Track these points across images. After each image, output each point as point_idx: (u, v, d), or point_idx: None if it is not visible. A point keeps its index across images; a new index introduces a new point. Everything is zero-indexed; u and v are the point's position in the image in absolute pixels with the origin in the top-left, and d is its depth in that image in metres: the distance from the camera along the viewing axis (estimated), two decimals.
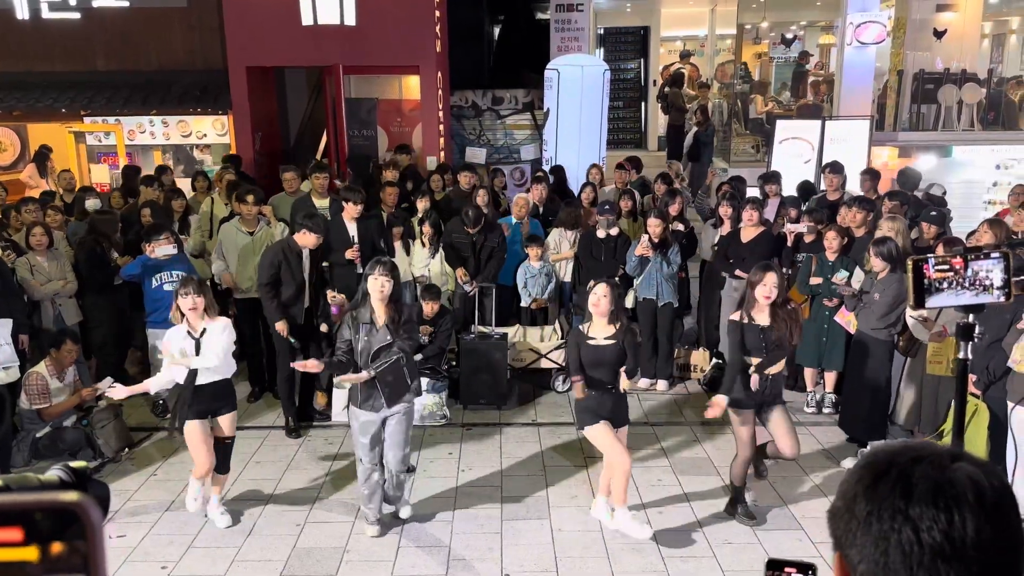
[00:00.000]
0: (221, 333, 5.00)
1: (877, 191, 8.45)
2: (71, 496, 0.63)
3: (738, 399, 5.00)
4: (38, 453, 6.01)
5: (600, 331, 4.90)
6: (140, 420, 6.85)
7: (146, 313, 6.83)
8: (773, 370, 5.00)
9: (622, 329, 4.90)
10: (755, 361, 4.97)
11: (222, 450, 5.18)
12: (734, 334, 5.04)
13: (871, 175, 8.67)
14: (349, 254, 7.12)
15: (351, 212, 7.21)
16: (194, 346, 4.95)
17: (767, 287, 4.93)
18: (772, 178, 8.76)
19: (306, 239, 6.35)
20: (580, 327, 5.06)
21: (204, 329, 4.97)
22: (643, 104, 16.30)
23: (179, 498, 5.57)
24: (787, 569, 1.21)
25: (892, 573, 0.92)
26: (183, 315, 4.98)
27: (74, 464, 1.13)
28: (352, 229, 7.26)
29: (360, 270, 7.30)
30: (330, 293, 6.73)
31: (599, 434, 4.89)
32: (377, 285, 4.79)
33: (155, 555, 4.89)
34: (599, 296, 4.87)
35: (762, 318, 5.00)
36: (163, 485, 5.78)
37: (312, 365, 4.97)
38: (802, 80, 15.42)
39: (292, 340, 6.41)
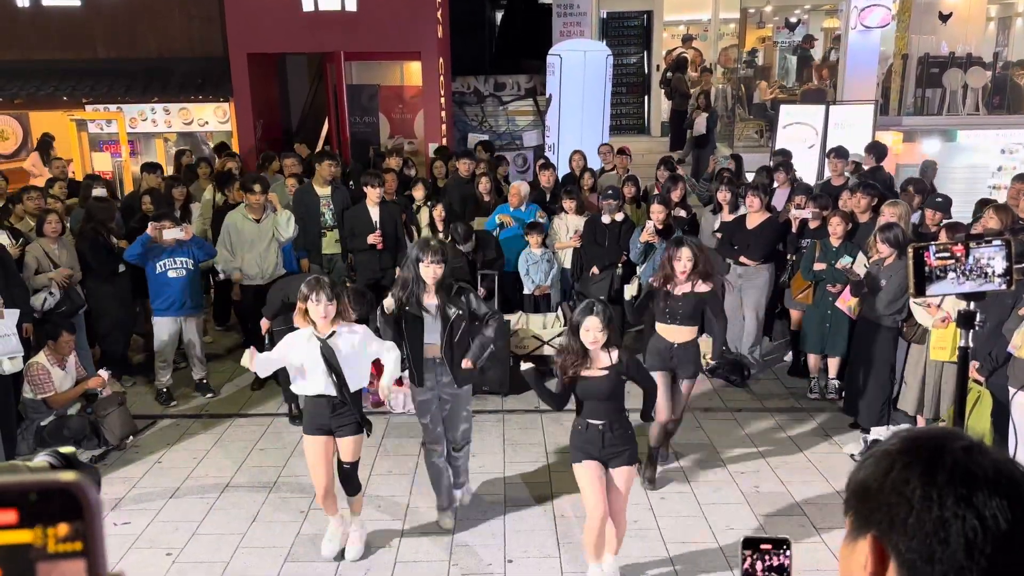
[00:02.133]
0: (363, 343, 4.48)
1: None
2: (68, 475, 0.62)
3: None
4: (43, 442, 6.02)
5: (594, 361, 4.33)
6: (144, 408, 6.87)
7: (150, 300, 6.85)
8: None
9: (619, 360, 4.33)
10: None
11: (343, 474, 4.67)
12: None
13: (784, 155, 9.22)
14: (371, 239, 7.19)
15: (372, 197, 7.27)
16: (319, 349, 4.35)
17: (682, 261, 5.19)
18: (782, 166, 8.70)
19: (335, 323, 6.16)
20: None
21: (333, 332, 4.39)
22: (646, 90, 16.22)
23: (183, 485, 5.60)
24: (763, 546, 1.23)
25: (949, 560, 0.91)
26: (313, 323, 4.37)
27: (62, 449, 1.13)
28: (375, 215, 7.32)
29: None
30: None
31: (580, 474, 4.32)
32: (429, 272, 4.63)
33: (160, 542, 4.92)
34: (594, 332, 4.22)
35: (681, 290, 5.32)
36: (167, 472, 5.81)
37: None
38: (806, 65, 15.30)
39: (267, 337, 6.34)
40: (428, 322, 4.76)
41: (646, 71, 16.27)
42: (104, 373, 6.23)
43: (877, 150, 9.17)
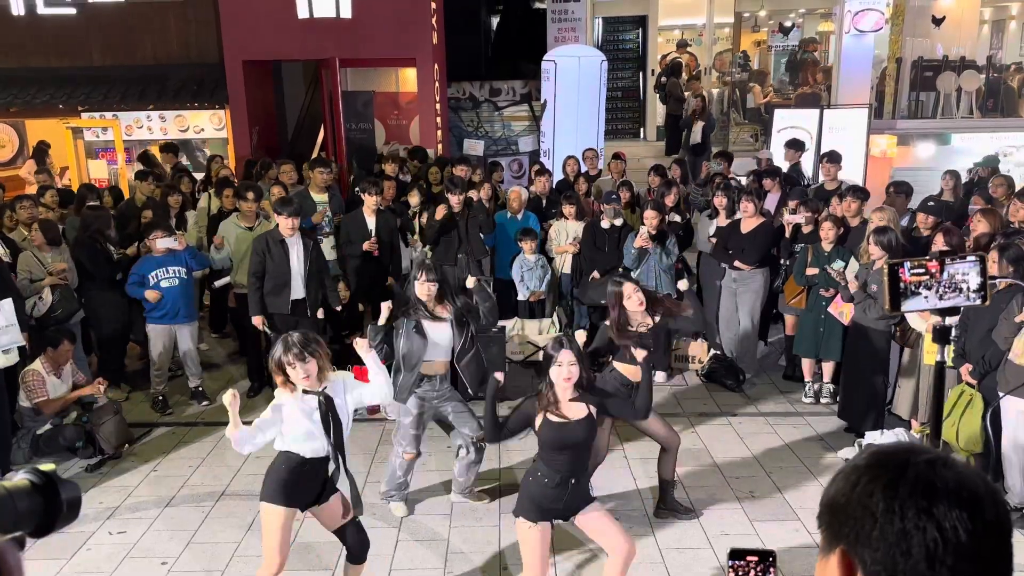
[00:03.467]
0: (345, 392, 3.96)
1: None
2: None
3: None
4: (39, 450, 6.03)
5: (565, 404, 3.90)
6: (140, 416, 6.87)
7: (145, 308, 6.86)
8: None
9: (588, 399, 3.95)
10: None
11: (350, 531, 4.10)
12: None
13: (726, 157, 9.45)
14: (366, 246, 7.24)
15: (370, 204, 7.33)
16: (318, 408, 3.82)
17: (632, 298, 4.91)
18: (771, 172, 8.76)
19: (283, 224, 6.35)
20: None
21: (325, 387, 3.87)
22: (641, 95, 16.25)
23: (179, 494, 5.61)
24: (748, 558, 1.25)
25: (911, 571, 0.93)
26: (291, 384, 3.83)
27: (43, 467, 1.14)
28: (371, 223, 7.36)
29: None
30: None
31: (526, 536, 3.87)
32: (424, 289, 4.97)
33: (155, 551, 4.92)
34: (566, 366, 3.84)
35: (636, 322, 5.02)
36: (163, 481, 5.81)
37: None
38: (804, 68, 15.33)
39: (268, 332, 6.47)
40: (431, 340, 5.02)
41: (641, 76, 16.31)
42: (100, 386, 6.24)
43: (796, 146, 9.58)
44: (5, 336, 5.62)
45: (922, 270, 2.03)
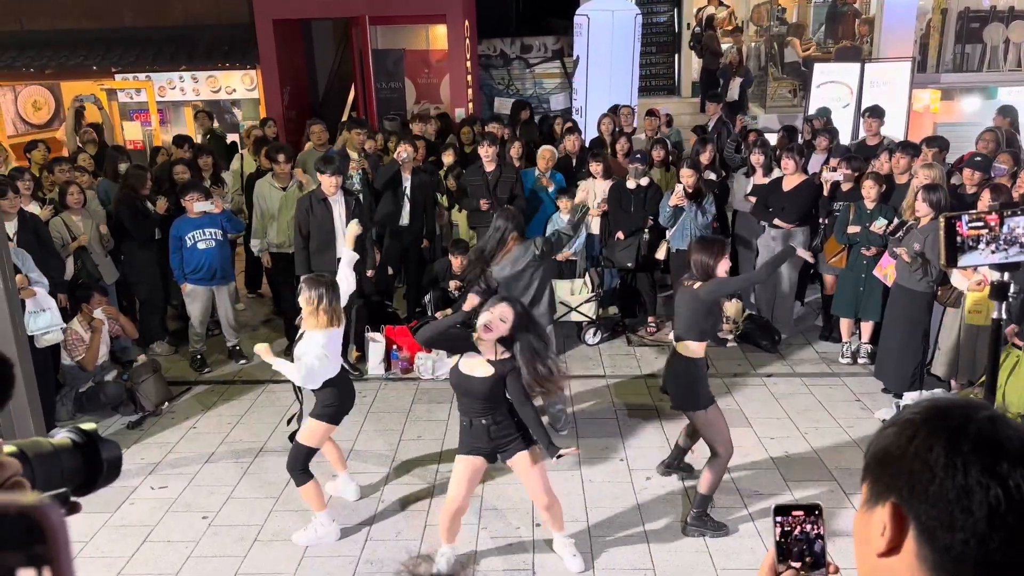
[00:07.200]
0: (311, 343, 4.55)
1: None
2: (30, 499, 0.59)
3: None
4: (82, 407, 6.18)
5: (478, 358, 4.04)
6: (179, 374, 6.99)
7: (185, 273, 6.92)
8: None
9: (505, 361, 4.00)
10: None
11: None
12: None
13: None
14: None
15: (402, 156, 7.31)
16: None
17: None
18: (825, 131, 8.51)
19: (325, 183, 6.33)
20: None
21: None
22: (676, 49, 15.91)
23: (218, 450, 5.72)
24: (795, 513, 1.23)
25: (971, 528, 0.91)
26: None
27: (84, 426, 1.14)
28: (407, 181, 7.32)
29: (404, 221, 7.41)
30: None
31: (457, 465, 4.21)
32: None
33: (196, 505, 5.03)
34: (495, 319, 3.95)
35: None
36: (203, 437, 5.92)
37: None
38: (844, 20, 14.85)
39: None
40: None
41: (676, 30, 15.95)
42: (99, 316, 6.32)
43: (715, 99, 10.11)
44: (42, 319, 5.71)
45: (980, 223, 1.94)
